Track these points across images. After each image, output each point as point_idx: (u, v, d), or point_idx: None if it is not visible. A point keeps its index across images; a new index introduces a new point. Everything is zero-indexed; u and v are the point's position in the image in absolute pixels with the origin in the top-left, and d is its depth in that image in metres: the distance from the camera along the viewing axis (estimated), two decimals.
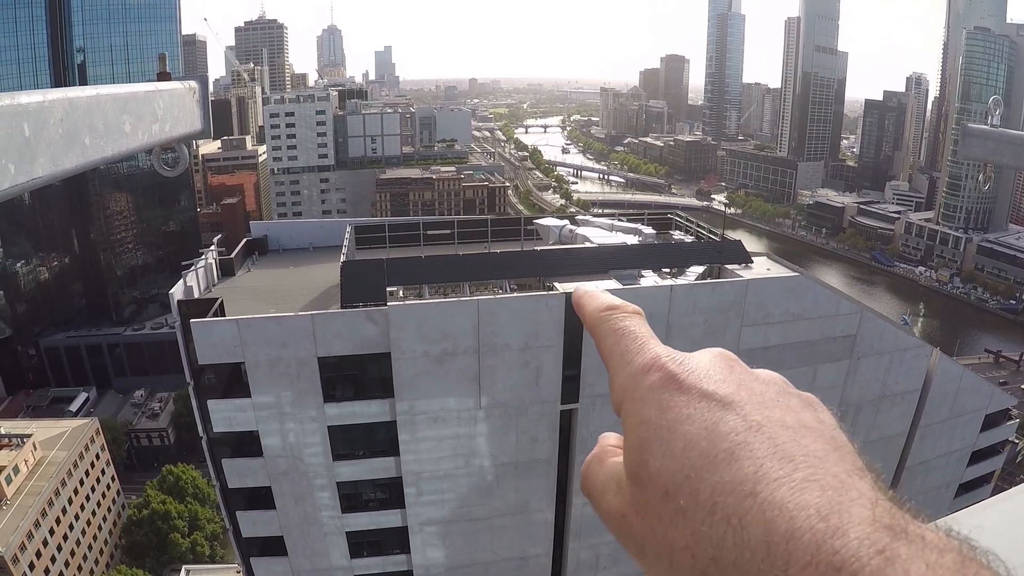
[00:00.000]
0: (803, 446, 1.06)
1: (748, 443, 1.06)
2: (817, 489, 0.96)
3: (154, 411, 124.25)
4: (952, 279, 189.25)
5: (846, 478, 1.00)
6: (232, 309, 33.89)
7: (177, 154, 4.76)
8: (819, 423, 1.16)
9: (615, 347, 1.35)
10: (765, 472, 1.00)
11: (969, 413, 46.46)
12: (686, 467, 1.07)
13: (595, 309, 1.45)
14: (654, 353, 1.28)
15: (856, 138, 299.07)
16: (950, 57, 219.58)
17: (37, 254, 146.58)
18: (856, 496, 0.96)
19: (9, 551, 75.89)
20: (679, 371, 1.22)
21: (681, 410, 1.15)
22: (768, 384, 1.24)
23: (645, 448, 1.15)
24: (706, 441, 1.08)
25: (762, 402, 1.16)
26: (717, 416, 1.12)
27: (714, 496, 1.02)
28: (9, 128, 2.72)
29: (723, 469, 1.03)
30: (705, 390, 1.17)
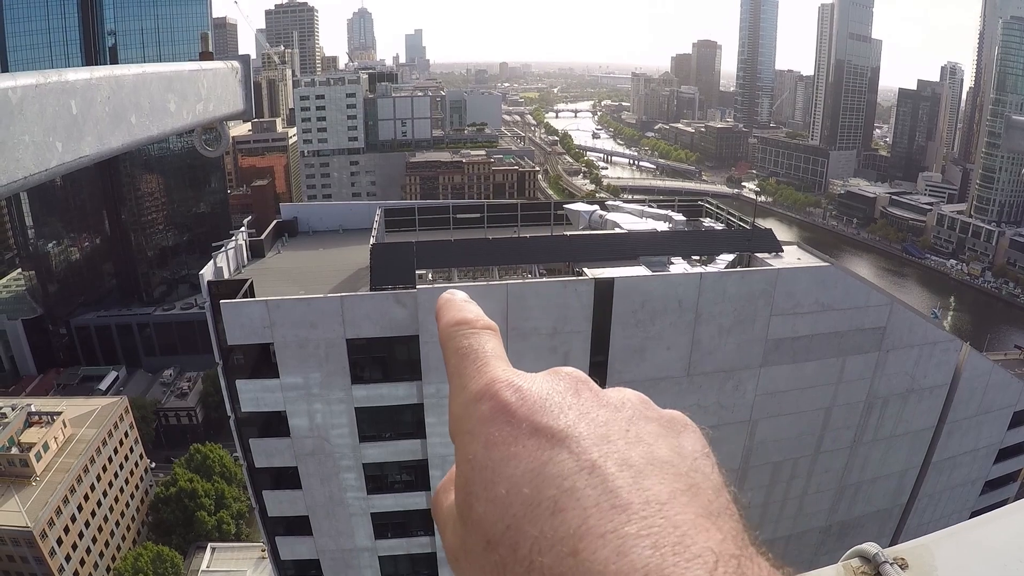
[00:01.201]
0: (643, 490, 0.91)
1: (576, 489, 0.91)
2: (649, 547, 0.83)
3: (183, 390, 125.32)
4: (984, 273, 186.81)
5: (689, 529, 0.87)
6: (262, 290, 34.10)
7: (218, 134, 4.76)
8: (675, 455, 1.02)
9: (455, 368, 1.20)
10: (591, 526, 0.87)
11: (997, 410, 45.98)
12: (507, 516, 0.94)
13: (446, 323, 1.29)
14: (490, 377, 1.12)
15: (889, 128, 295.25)
16: (986, 47, 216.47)
17: (69, 235, 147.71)
18: (695, 555, 0.83)
19: (38, 526, 77.02)
20: (512, 400, 1.06)
21: (508, 448, 1.00)
22: (618, 410, 1.08)
23: (470, 490, 1.02)
24: (530, 487, 0.94)
25: (604, 435, 1.00)
26: (547, 456, 0.97)
27: (532, 553, 0.89)
28: (57, 106, 2.71)
29: (545, 521, 0.90)
30: (537, 423, 1.02)
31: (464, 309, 1.31)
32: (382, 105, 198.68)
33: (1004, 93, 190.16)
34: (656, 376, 35.22)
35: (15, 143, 2.45)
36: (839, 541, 44.20)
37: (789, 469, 41.34)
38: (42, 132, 2.61)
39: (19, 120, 2.48)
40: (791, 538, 44.04)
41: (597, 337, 34.19)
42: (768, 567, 0.90)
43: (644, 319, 34.60)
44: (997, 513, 2.48)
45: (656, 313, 34.65)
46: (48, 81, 2.65)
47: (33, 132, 2.55)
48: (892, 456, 43.57)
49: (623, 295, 33.92)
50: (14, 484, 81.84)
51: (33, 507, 79.03)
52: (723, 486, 1.03)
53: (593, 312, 33.60)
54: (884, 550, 1.74)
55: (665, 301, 34.67)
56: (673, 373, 35.95)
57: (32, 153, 2.55)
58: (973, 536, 2.11)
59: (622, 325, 34.27)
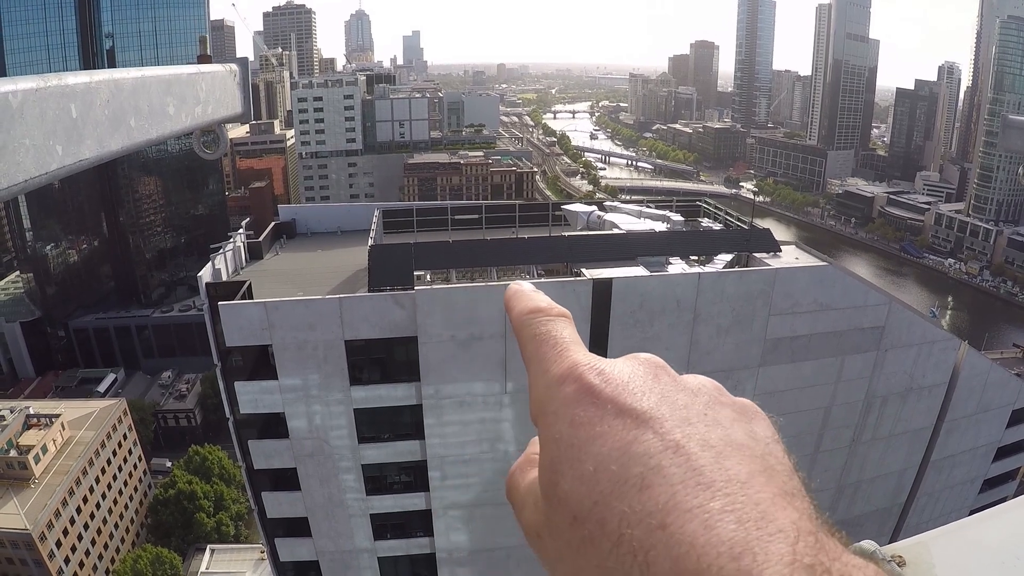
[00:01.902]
0: (725, 469, 0.95)
1: (662, 467, 0.95)
2: (734, 522, 0.87)
3: (181, 392, 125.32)
4: (982, 272, 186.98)
5: (769, 507, 0.90)
6: (260, 292, 34.12)
7: (217, 136, 4.77)
8: (750, 439, 1.06)
9: (534, 354, 1.23)
10: (678, 501, 0.90)
11: (996, 408, 45.95)
12: (595, 492, 0.97)
13: (520, 312, 1.33)
14: (572, 361, 1.16)
15: (887, 127, 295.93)
16: (983, 47, 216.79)
17: (67, 237, 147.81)
18: (777, 529, 0.86)
19: (37, 529, 76.99)
20: (596, 382, 1.10)
21: (594, 427, 1.04)
22: (696, 395, 1.12)
23: (555, 468, 1.06)
24: (617, 464, 0.98)
25: (685, 417, 1.04)
26: (632, 435, 1.01)
27: (621, 527, 0.92)
28: (57, 109, 2.73)
29: (633, 497, 0.93)
30: (622, 404, 1.06)
31: (536, 298, 1.35)
32: (380, 107, 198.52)
33: (1002, 92, 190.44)
34: None
35: (16, 146, 2.47)
36: None
37: None
38: (42, 135, 2.62)
39: (19, 124, 2.49)
40: None
41: (596, 338, 34.14)
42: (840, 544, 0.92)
43: (643, 319, 34.60)
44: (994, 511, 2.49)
45: (654, 313, 34.65)
46: (48, 85, 2.67)
47: (33, 135, 2.57)
48: (891, 455, 43.57)
49: (621, 295, 33.92)
50: (13, 486, 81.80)
51: (32, 509, 78.99)
52: (794, 470, 1.06)
53: (591, 313, 33.58)
54: (882, 548, 1.75)
55: (663, 301, 34.67)
56: None
57: (32, 156, 2.57)
58: (971, 534, 2.12)
59: (621, 325, 34.25)
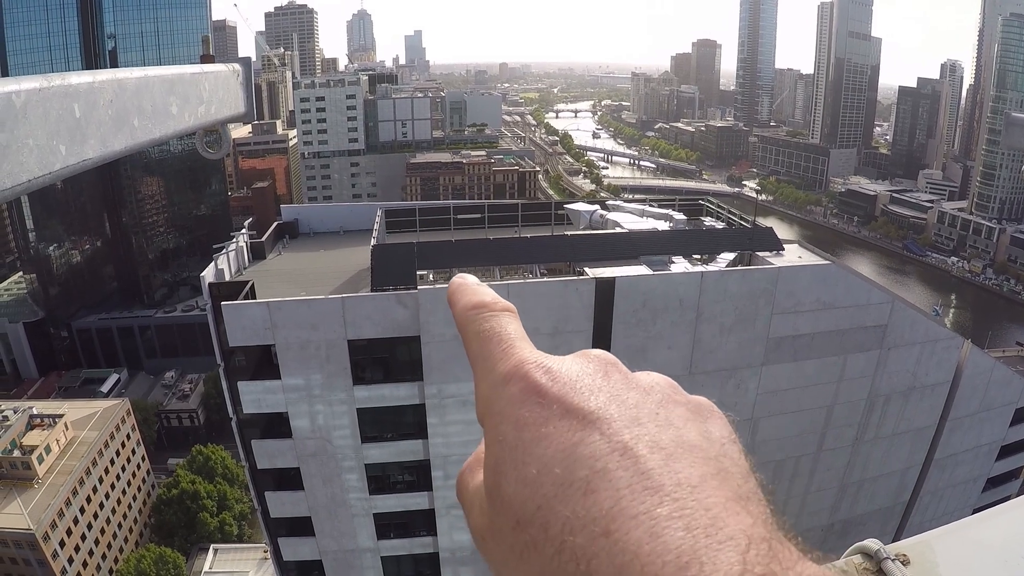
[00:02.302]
0: (675, 472, 0.91)
1: (608, 470, 0.91)
2: (682, 528, 0.83)
3: (184, 392, 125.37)
4: (985, 270, 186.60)
5: (720, 512, 0.87)
6: (263, 292, 34.16)
7: (220, 136, 4.77)
8: (704, 439, 1.02)
9: (479, 351, 1.19)
10: (623, 507, 0.87)
11: (999, 407, 45.92)
12: (538, 496, 0.94)
13: (463, 307, 1.28)
14: (518, 359, 1.12)
15: (889, 125, 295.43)
16: (985, 44, 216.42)
17: (69, 237, 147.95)
18: (727, 537, 0.83)
19: (40, 529, 77.05)
20: (542, 381, 1.06)
21: (539, 428, 1.00)
22: (648, 393, 1.08)
23: (499, 470, 1.02)
24: (562, 467, 0.94)
25: (635, 417, 1.00)
26: (578, 437, 0.97)
27: (564, 533, 0.88)
28: (60, 109, 2.72)
29: (577, 501, 0.89)
30: (569, 404, 1.01)
31: (480, 292, 1.30)
32: (382, 106, 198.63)
33: (1004, 90, 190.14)
34: None
35: (19, 146, 2.47)
36: (841, 539, 44.09)
37: (791, 467, 41.32)
38: (46, 135, 2.62)
39: (23, 123, 2.49)
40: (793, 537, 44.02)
41: (599, 336, 34.17)
42: (796, 551, 0.89)
43: (645, 318, 34.61)
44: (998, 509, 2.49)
45: (657, 312, 34.66)
46: (51, 85, 2.66)
47: (37, 135, 2.57)
48: (894, 454, 43.55)
49: (624, 294, 33.93)
50: (16, 487, 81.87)
51: (35, 510, 79.05)
52: (750, 472, 1.03)
53: (594, 311, 33.61)
54: (886, 546, 1.75)
55: (666, 300, 34.68)
56: (675, 372, 35.67)
57: (36, 156, 2.56)
58: (974, 532, 2.12)
59: (623, 324, 34.27)
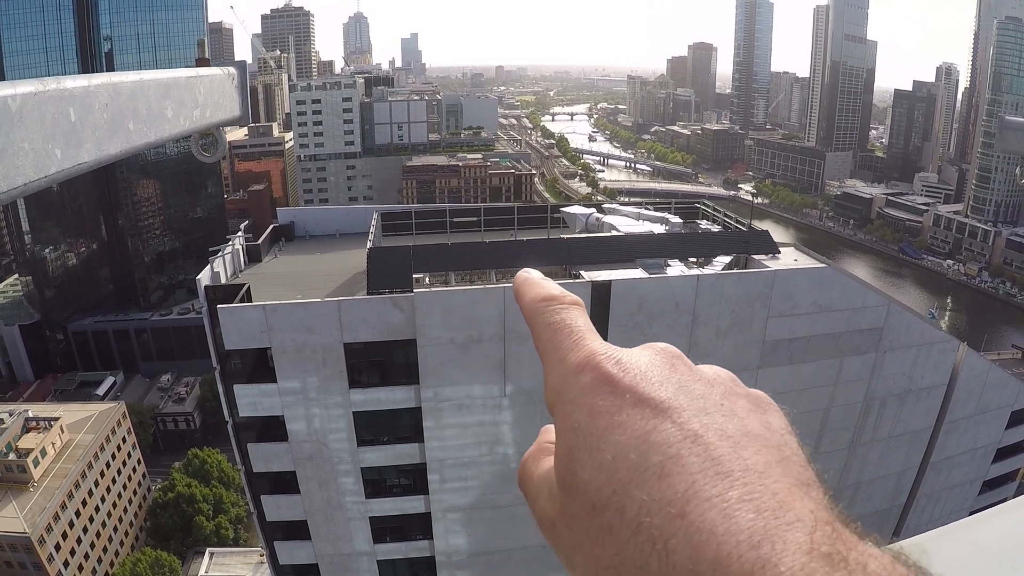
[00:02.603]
0: (742, 459, 0.96)
1: (681, 456, 0.95)
2: (752, 511, 0.87)
3: (180, 395, 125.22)
4: (980, 273, 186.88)
5: (786, 496, 0.91)
6: (259, 295, 34.08)
7: (215, 139, 4.78)
8: (766, 429, 1.06)
9: (549, 342, 1.24)
10: (697, 490, 0.91)
11: (995, 409, 45.98)
12: (614, 481, 0.97)
13: (532, 300, 1.34)
14: (589, 350, 1.17)
15: (885, 128, 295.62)
16: (981, 47, 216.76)
17: (65, 240, 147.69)
18: (795, 519, 0.87)
19: (36, 532, 76.88)
20: (614, 372, 1.11)
21: (612, 416, 1.04)
22: (712, 385, 1.13)
23: (573, 457, 1.05)
24: (636, 453, 0.98)
25: (703, 407, 1.05)
26: (651, 424, 1.01)
27: (640, 515, 0.92)
28: (56, 113, 2.73)
29: (652, 485, 0.94)
30: (640, 394, 1.06)
31: (547, 286, 1.36)
32: (378, 109, 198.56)
33: (1000, 93, 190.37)
34: None
35: (15, 150, 2.47)
36: None
37: None
38: (41, 139, 2.63)
39: (19, 127, 2.49)
40: None
41: None
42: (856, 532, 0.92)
43: (642, 321, 34.61)
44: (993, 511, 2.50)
45: (653, 315, 34.66)
46: (47, 89, 2.67)
47: (33, 139, 2.57)
48: (890, 457, 43.57)
49: (620, 298, 33.93)
50: (12, 490, 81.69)
51: (31, 513, 78.89)
52: (809, 461, 1.06)
53: (590, 315, 33.51)
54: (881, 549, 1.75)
55: (662, 303, 34.69)
56: None
57: (32, 160, 2.57)
58: (969, 534, 2.13)
59: (620, 328, 34.25)
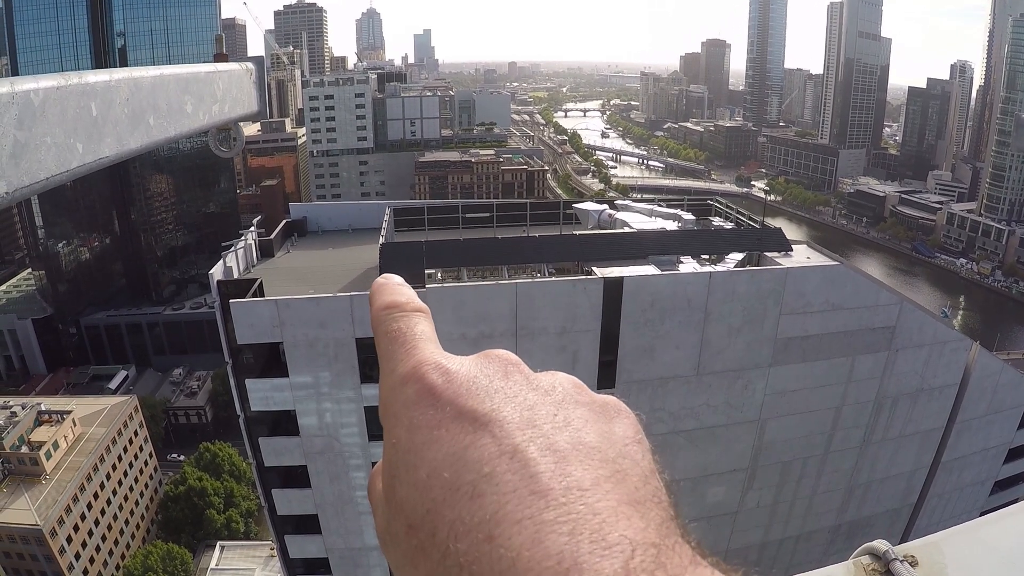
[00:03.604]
0: (566, 475, 0.88)
1: (496, 474, 0.89)
2: (566, 534, 0.80)
3: (192, 389, 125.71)
4: (994, 272, 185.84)
5: (609, 516, 0.84)
6: (271, 290, 34.13)
7: (232, 134, 4.79)
8: (604, 440, 0.98)
9: (385, 351, 1.18)
10: (508, 512, 0.85)
11: (1008, 409, 45.70)
12: (427, 500, 0.93)
13: (377, 307, 1.26)
14: (417, 360, 1.10)
15: (898, 126, 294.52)
16: (996, 45, 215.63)
17: (78, 235, 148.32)
18: (613, 543, 0.80)
19: (48, 525, 77.33)
20: (438, 383, 1.04)
21: (431, 431, 0.98)
22: (548, 394, 1.05)
23: (393, 473, 1.01)
24: (450, 471, 0.92)
25: (530, 419, 0.98)
26: (468, 440, 0.95)
27: (449, 539, 0.87)
28: (77, 107, 2.73)
29: (463, 506, 0.88)
30: (462, 406, 1.00)
31: (396, 292, 1.28)
32: (391, 105, 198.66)
33: (1014, 91, 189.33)
34: (665, 375, 35.20)
35: (38, 144, 2.47)
36: (848, 541, 44.03)
37: (799, 469, 41.22)
38: (63, 134, 2.63)
39: (41, 122, 2.50)
40: (800, 538, 43.94)
41: (606, 336, 34.13)
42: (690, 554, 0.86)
43: (653, 318, 34.55)
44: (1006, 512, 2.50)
45: (665, 312, 34.58)
46: (69, 83, 2.68)
47: (55, 134, 2.58)
48: (901, 456, 43.42)
49: (632, 294, 33.87)
50: (24, 483, 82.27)
51: (43, 505, 79.39)
52: (653, 473, 0.99)
53: (602, 311, 33.56)
54: (894, 547, 1.77)
55: (674, 300, 34.60)
56: (682, 372, 35.86)
57: (54, 155, 2.57)
58: (982, 534, 2.13)
59: (631, 324, 34.21)
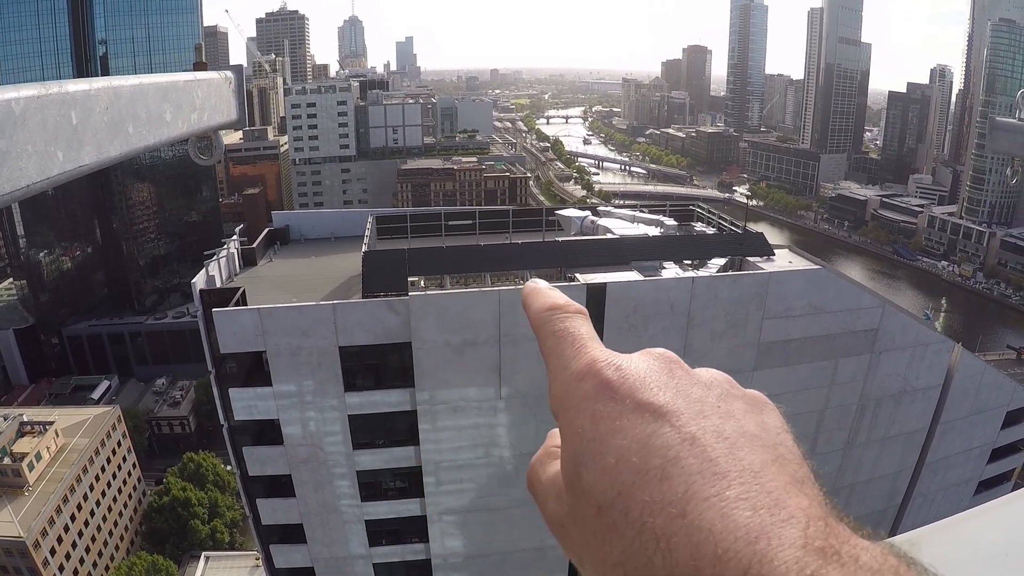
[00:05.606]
0: (738, 460, 1.01)
1: (680, 459, 1.01)
2: (748, 509, 0.93)
3: (175, 399, 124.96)
4: (975, 274, 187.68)
5: (781, 494, 0.96)
6: (254, 298, 34.06)
7: (212, 143, 4.81)
8: (762, 429, 1.12)
9: (553, 350, 1.29)
10: (695, 491, 0.96)
11: (990, 410, 46.08)
12: (617, 483, 1.03)
13: (538, 309, 1.38)
14: (590, 358, 1.22)
15: (879, 130, 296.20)
16: (975, 49, 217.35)
17: (60, 244, 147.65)
18: (788, 516, 0.92)
19: (31, 536, 76.76)
20: (613, 378, 1.16)
21: (614, 422, 1.10)
22: (709, 388, 1.18)
23: (578, 461, 1.11)
24: (638, 456, 1.04)
25: (700, 411, 1.11)
26: (651, 429, 1.07)
27: (644, 516, 0.98)
28: (58, 116, 2.77)
29: (654, 487, 0.99)
30: (640, 400, 1.12)
31: (553, 295, 1.40)
32: (373, 112, 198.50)
33: (994, 94, 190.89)
34: None
35: (18, 152, 2.51)
36: None
37: None
38: (44, 142, 2.67)
39: (22, 130, 2.53)
40: None
41: None
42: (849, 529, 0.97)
43: (637, 324, 34.64)
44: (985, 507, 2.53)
45: (648, 318, 34.69)
46: (49, 92, 2.71)
47: (35, 141, 2.61)
48: (886, 457, 43.63)
49: (615, 300, 33.96)
50: (7, 494, 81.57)
51: (26, 517, 78.76)
52: (803, 458, 1.11)
53: None
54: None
55: (657, 306, 34.72)
56: None
57: (34, 162, 2.61)
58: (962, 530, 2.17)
59: (615, 330, 34.26)
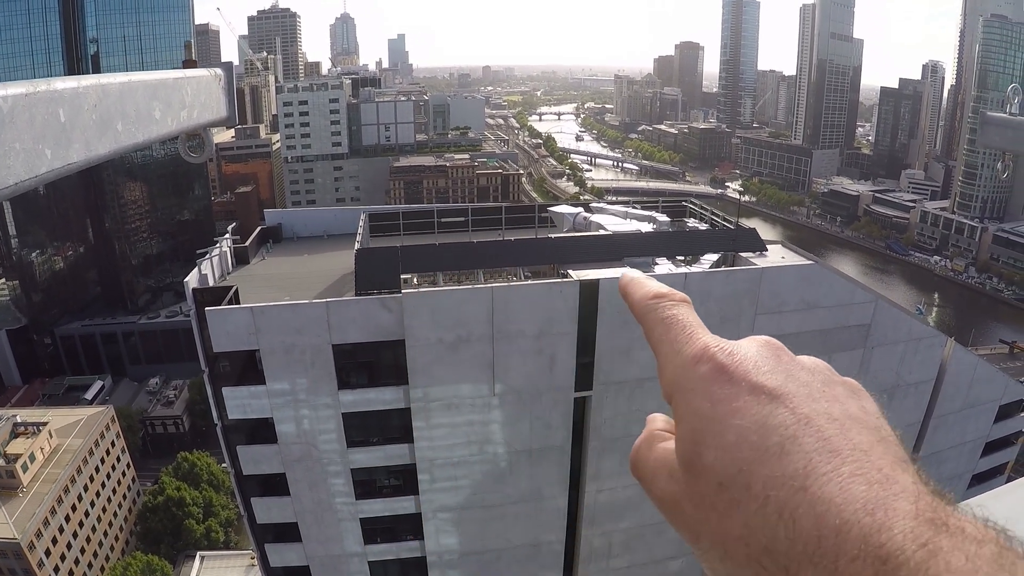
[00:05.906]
0: (849, 439, 1.09)
1: (797, 437, 1.09)
2: (863, 483, 1.01)
3: (169, 399, 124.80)
4: (967, 269, 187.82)
5: (890, 471, 1.04)
6: (247, 297, 33.98)
7: (202, 140, 4.81)
8: (864, 413, 1.21)
9: (664, 336, 1.39)
10: (814, 467, 1.04)
11: (983, 404, 46.15)
12: (739, 460, 1.10)
13: (642, 297, 1.51)
14: (703, 343, 1.30)
15: (871, 126, 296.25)
16: (967, 45, 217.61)
17: (52, 243, 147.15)
18: (900, 490, 1.00)
19: (25, 538, 76.62)
20: (728, 362, 1.24)
21: (732, 403, 1.17)
22: (814, 373, 1.28)
23: (698, 440, 1.18)
24: (757, 435, 1.11)
25: (809, 394, 1.19)
26: (767, 410, 1.15)
27: (766, 489, 1.05)
28: (46, 114, 2.76)
29: (774, 463, 1.07)
30: (754, 382, 1.20)
31: (655, 284, 1.51)
32: (365, 110, 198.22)
33: (985, 90, 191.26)
34: (643, 376, 35.23)
35: (6, 150, 2.50)
36: None
37: None
38: (32, 140, 2.66)
39: (10, 128, 2.52)
40: None
41: (583, 338, 34.21)
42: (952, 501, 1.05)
43: (630, 320, 32.64)
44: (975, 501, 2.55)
45: None
46: (37, 90, 2.70)
47: (23, 140, 2.60)
48: None
49: (608, 296, 33.90)
50: (1, 495, 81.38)
51: (20, 518, 78.58)
52: (901, 441, 1.20)
53: (579, 314, 33.63)
54: None
55: None
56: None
57: (23, 160, 2.60)
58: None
59: (608, 326, 34.27)
